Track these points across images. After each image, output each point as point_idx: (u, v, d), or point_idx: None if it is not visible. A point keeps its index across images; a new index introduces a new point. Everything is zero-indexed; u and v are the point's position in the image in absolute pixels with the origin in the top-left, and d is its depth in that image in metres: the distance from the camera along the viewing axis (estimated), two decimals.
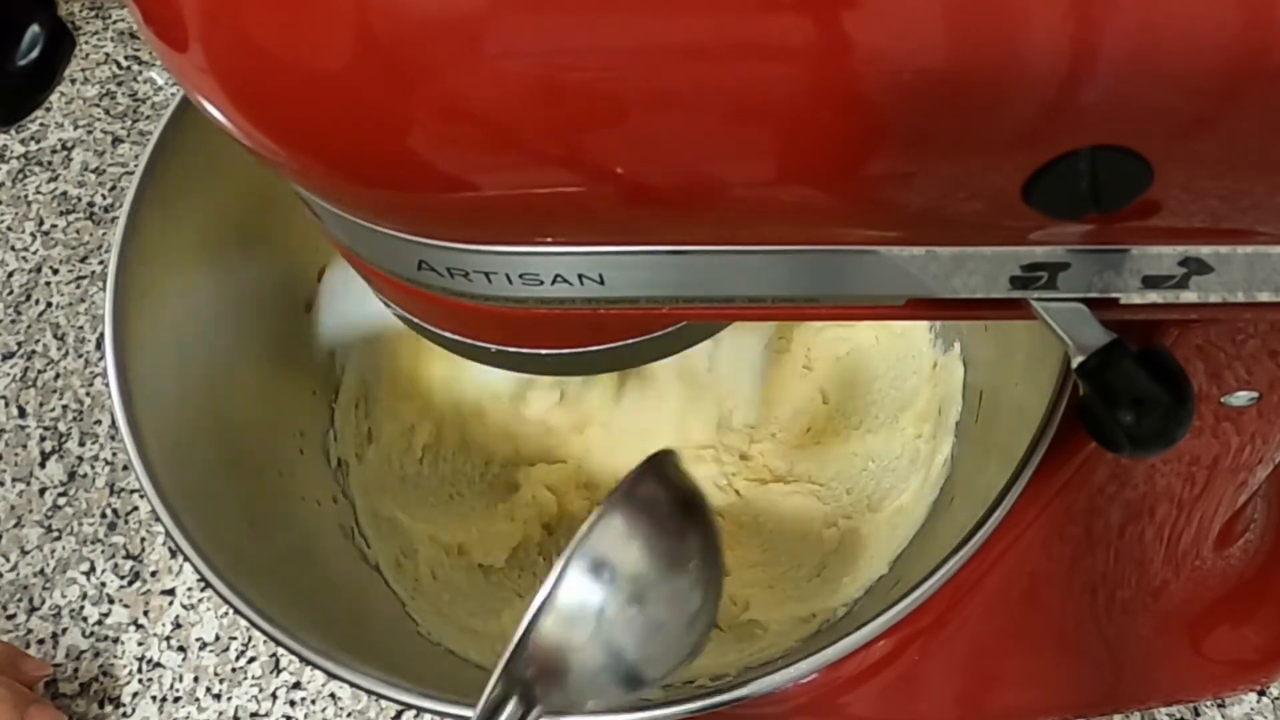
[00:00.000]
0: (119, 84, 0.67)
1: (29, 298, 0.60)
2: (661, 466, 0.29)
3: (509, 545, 0.49)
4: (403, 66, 0.16)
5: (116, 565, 0.52)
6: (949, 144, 0.17)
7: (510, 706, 0.26)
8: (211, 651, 0.50)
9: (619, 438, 0.51)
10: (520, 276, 0.22)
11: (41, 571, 0.52)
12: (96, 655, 0.50)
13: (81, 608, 0.51)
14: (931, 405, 0.48)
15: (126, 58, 0.69)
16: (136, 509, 0.53)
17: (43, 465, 0.55)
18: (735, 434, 0.51)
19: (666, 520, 0.28)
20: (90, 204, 0.63)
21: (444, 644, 0.42)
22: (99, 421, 0.56)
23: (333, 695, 0.48)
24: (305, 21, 0.16)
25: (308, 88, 0.17)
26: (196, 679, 0.49)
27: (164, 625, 0.50)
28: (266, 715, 0.48)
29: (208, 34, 0.17)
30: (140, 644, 0.50)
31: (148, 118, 0.66)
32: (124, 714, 0.48)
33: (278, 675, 0.49)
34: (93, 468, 0.55)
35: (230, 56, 0.17)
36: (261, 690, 0.49)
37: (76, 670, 0.49)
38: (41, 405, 0.57)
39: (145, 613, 0.51)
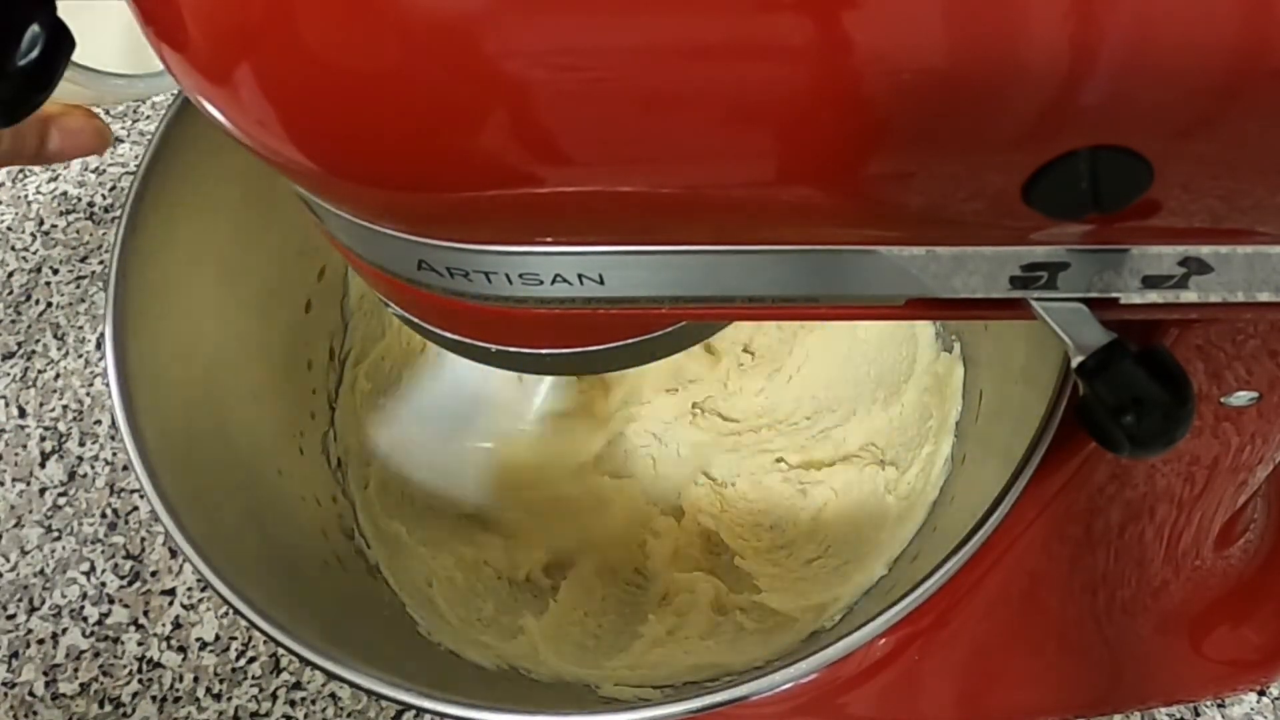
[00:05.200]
0: None
1: (29, 298, 0.60)
2: None
3: (511, 547, 0.49)
4: (416, 69, 0.16)
5: (116, 565, 0.52)
6: (949, 144, 0.17)
7: None
8: (211, 651, 0.50)
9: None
10: (520, 276, 0.22)
11: (41, 571, 0.52)
12: (96, 655, 0.50)
13: (81, 608, 0.51)
14: (932, 404, 0.48)
15: None
16: (136, 509, 0.53)
17: (43, 465, 0.55)
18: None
19: None
20: (90, 204, 0.63)
21: (444, 644, 0.42)
22: (99, 421, 0.56)
23: (333, 695, 0.48)
24: (322, 21, 0.16)
25: (321, 89, 0.17)
26: (196, 679, 0.49)
27: (164, 625, 0.50)
28: (266, 715, 0.48)
29: (211, 33, 0.17)
30: (140, 644, 0.50)
31: (148, 118, 0.66)
32: (124, 714, 0.48)
33: (278, 675, 0.49)
34: (93, 468, 0.55)
35: (239, 57, 0.17)
36: (261, 690, 0.49)
37: (76, 670, 0.49)
38: (41, 405, 0.57)
39: (145, 613, 0.51)
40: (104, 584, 0.51)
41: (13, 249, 0.62)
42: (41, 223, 0.63)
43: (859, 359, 0.51)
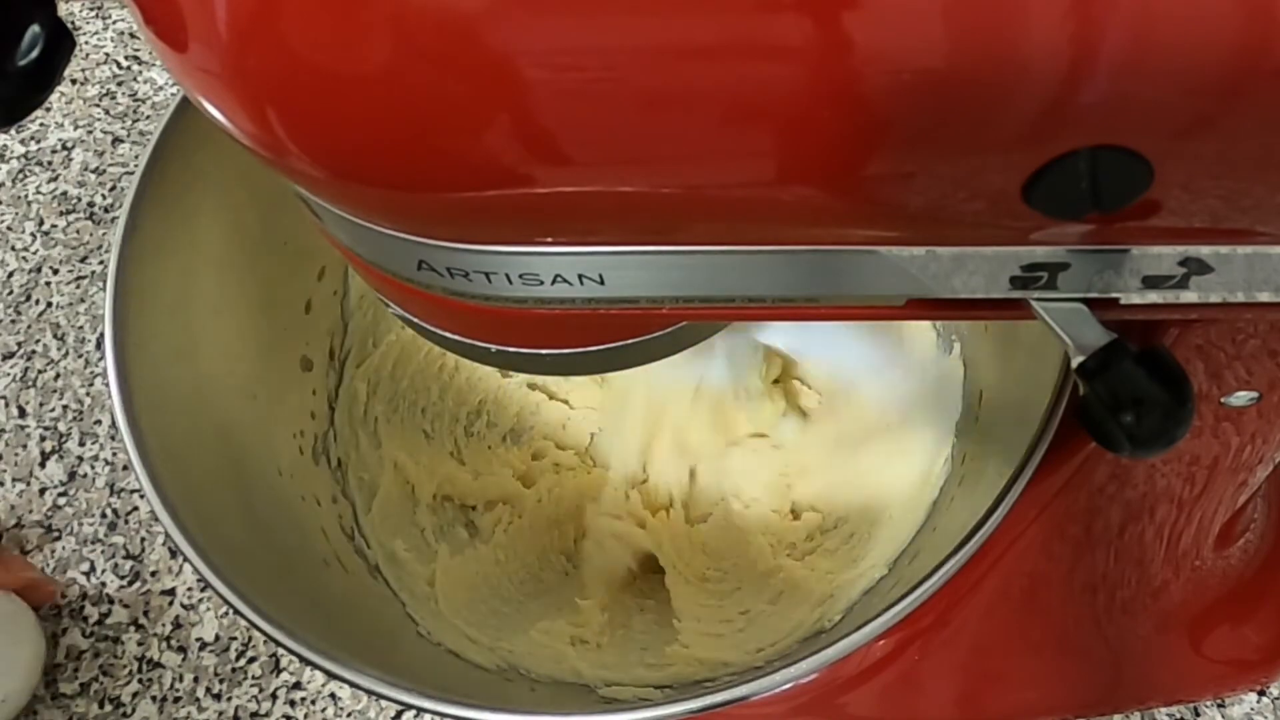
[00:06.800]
0: (119, 84, 0.67)
1: (29, 298, 0.60)
2: None
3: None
4: (416, 69, 0.16)
5: (116, 565, 0.52)
6: (949, 144, 0.17)
7: None
8: (211, 651, 0.50)
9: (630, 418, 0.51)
10: (520, 276, 0.22)
11: (41, 571, 0.52)
12: (96, 655, 0.50)
13: (82, 608, 0.51)
14: (931, 405, 0.48)
15: (126, 58, 0.69)
16: (136, 509, 0.53)
17: (43, 465, 0.55)
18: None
19: None
20: (90, 204, 0.63)
21: (444, 644, 0.42)
22: (99, 421, 0.56)
23: (333, 695, 0.48)
24: (321, 21, 0.16)
25: (321, 89, 0.17)
26: (196, 679, 0.49)
27: (164, 625, 0.50)
28: (266, 715, 0.48)
29: (212, 33, 0.17)
30: (140, 644, 0.50)
31: (148, 118, 0.66)
32: (124, 714, 0.48)
33: (278, 675, 0.49)
34: (93, 468, 0.55)
35: (238, 58, 0.17)
36: (261, 690, 0.49)
37: (76, 670, 0.49)
38: (41, 405, 0.57)
39: (145, 613, 0.51)
40: (104, 584, 0.51)
41: (13, 249, 0.62)
42: (41, 223, 0.63)
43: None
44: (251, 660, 0.49)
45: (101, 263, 0.61)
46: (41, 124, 0.66)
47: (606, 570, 0.48)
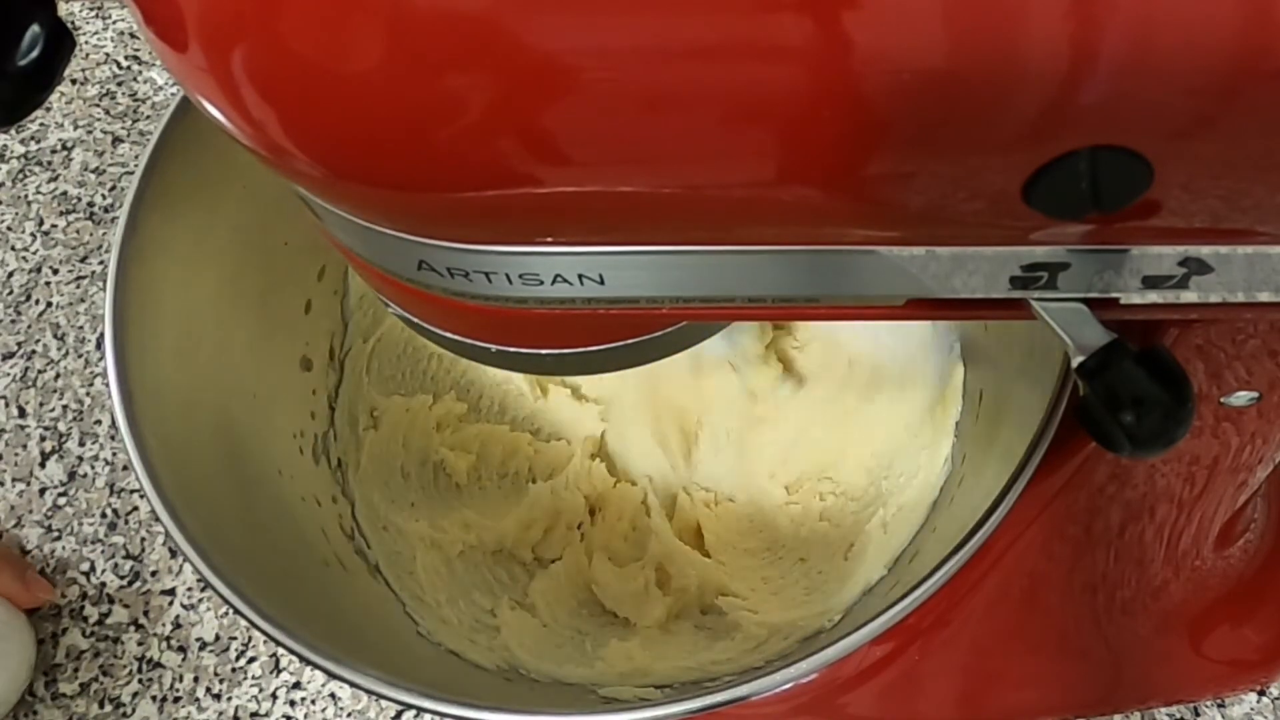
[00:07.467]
0: (119, 84, 0.67)
1: (29, 298, 0.60)
2: None
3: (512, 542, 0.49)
4: (415, 68, 0.16)
5: (116, 565, 0.52)
6: (949, 144, 0.17)
7: None
8: (211, 651, 0.50)
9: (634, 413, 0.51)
10: (520, 276, 0.22)
11: (42, 571, 0.52)
12: (96, 655, 0.50)
13: (82, 608, 0.51)
14: (931, 405, 0.48)
15: (126, 58, 0.69)
16: (136, 509, 0.53)
17: (43, 465, 0.55)
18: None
19: None
20: (90, 204, 0.63)
21: (444, 644, 0.42)
22: (99, 421, 0.56)
23: (333, 695, 0.48)
24: (320, 20, 0.16)
25: (320, 88, 0.17)
26: (196, 679, 0.49)
27: (164, 625, 0.50)
28: (266, 715, 0.48)
29: (212, 33, 0.17)
30: (140, 644, 0.50)
31: (148, 118, 0.66)
32: (124, 714, 0.48)
33: (278, 675, 0.49)
34: (93, 468, 0.55)
35: (236, 56, 0.17)
36: (261, 690, 0.49)
37: (76, 670, 0.49)
38: (41, 405, 0.57)
39: (145, 613, 0.51)
40: (104, 584, 0.51)
41: (13, 249, 0.62)
42: (41, 223, 0.63)
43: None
44: (251, 660, 0.49)
45: (101, 263, 0.61)
46: (41, 124, 0.66)
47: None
